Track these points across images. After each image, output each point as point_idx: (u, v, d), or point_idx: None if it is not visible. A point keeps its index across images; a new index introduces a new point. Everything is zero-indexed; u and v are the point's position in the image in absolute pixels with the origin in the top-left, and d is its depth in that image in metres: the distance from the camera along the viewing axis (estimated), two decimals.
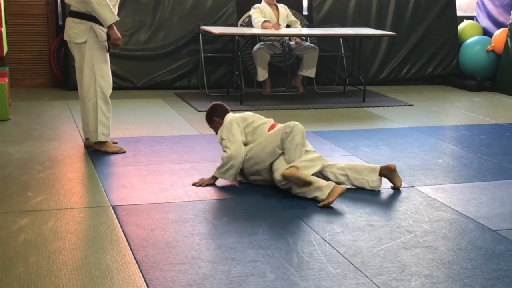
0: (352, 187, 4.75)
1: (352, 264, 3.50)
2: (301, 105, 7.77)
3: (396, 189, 4.74)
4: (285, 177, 4.43)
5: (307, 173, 4.47)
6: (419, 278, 3.36)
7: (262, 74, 8.12)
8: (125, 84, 8.26)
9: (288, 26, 8.46)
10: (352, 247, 3.73)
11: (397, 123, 6.99)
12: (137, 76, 8.43)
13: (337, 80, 9.05)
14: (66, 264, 3.39)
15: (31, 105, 7.34)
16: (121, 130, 6.14)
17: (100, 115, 5.45)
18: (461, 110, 7.86)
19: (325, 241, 3.80)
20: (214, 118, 5.02)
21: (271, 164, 4.60)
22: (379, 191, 4.71)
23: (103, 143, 5.52)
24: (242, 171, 4.76)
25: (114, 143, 5.67)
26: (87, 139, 5.63)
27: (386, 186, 4.82)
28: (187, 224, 3.99)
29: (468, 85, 9.15)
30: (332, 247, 3.72)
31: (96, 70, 5.38)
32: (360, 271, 3.42)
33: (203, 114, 7.04)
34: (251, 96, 8.11)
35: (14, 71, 8.21)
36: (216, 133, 4.99)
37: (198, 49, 8.50)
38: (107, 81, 5.46)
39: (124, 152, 5.52)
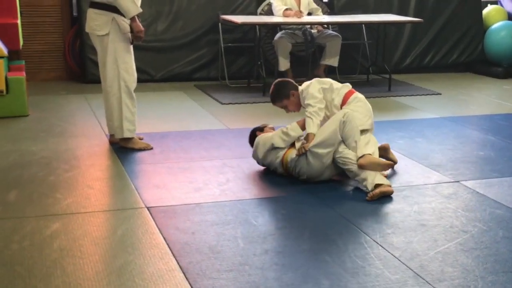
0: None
1: (411, 269, 3.28)
2: None
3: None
4: (362, 167, 4.35)
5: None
6: (486, 284, 3.14)
7: (284, 64, 7.86)
8: (143, 77, 7.97)
9: (309, 14, 8.21)
10: (407, 249, 3.51)
11: (427, 113, 6.74)
12: (155, 68, 8.19)
13: (359, 69, 8.80)
14: (106, 274, 3.18)
15: (48, 100, 7.11)
16: (145, 125, 5.90)
17: (125, 111, 5.22)
18: (491, 99, 7.61)
19: (377, 243, 3.59)
20: (293, 92, 4.82)
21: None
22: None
23: (129, 139, 5.29)
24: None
25: (140, 139, 5.45)
26: (112, 135, 5.41)
27: (429, 181, 4.61)
28: (228, 227, 3.77)
29: (495, 72, 8.87)
30: (386, 250, 3.50)
31: (119, 64, 5.15)
32: (421, 277, 3.20)
33: (227, 107, 6.96)
34: None
35: (28, 64, 7.95)
36: (289, 111, 4.90)
37: (217, 39, 8.25)
38: (131, 75, 5.23)
39: (151, 148, 5.30)
